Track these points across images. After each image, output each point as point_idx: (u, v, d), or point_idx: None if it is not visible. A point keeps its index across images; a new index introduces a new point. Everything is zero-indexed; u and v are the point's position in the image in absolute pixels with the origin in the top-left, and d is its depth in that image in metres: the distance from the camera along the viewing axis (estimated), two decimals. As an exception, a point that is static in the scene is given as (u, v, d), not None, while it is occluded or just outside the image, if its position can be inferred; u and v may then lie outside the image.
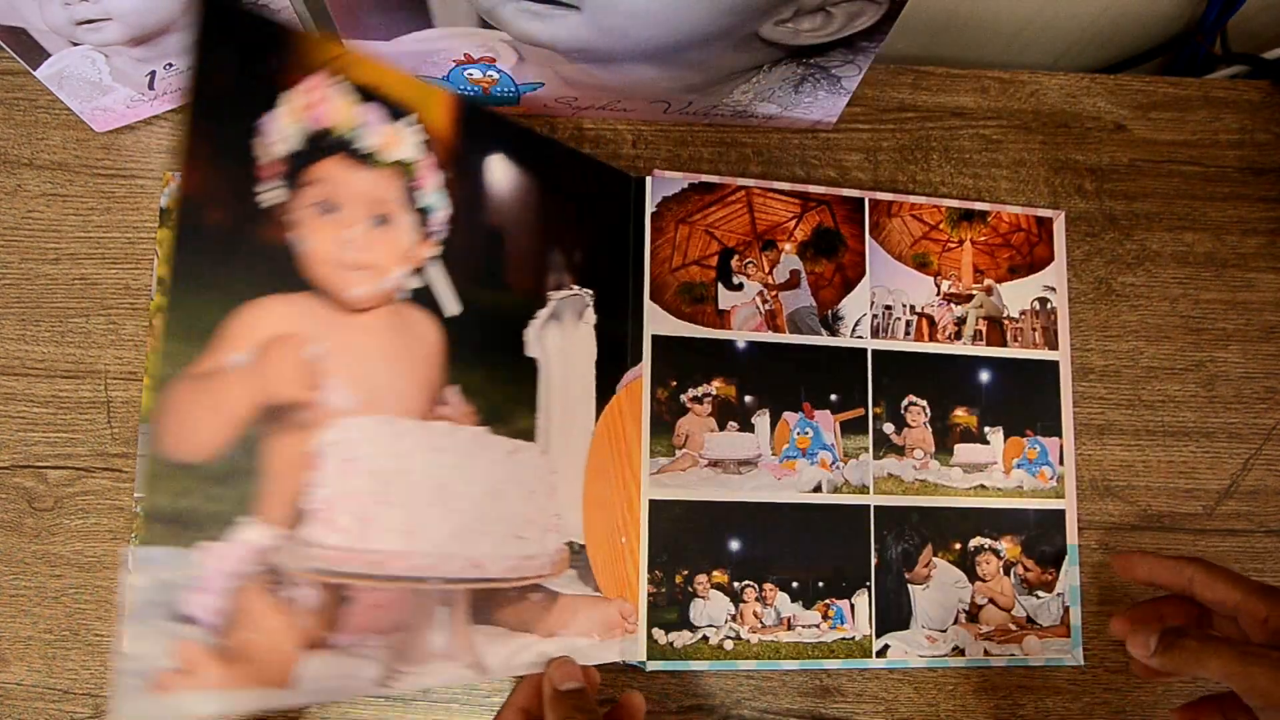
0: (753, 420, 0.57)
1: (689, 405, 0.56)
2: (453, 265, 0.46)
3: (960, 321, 0.60)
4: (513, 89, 0.57)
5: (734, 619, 0.55)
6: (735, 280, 0.59)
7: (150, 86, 0.57)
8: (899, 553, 0.57)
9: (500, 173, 0.49)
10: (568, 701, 0.45)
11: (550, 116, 0.61)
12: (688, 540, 0.55)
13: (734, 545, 0.55)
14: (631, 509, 0.54)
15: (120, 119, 0.59)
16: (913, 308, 0.60)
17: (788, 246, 0.60)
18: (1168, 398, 0.61)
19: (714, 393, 0.57)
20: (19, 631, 0.54)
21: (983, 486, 0.59)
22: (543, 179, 0.52)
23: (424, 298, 0.45)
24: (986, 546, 0.58)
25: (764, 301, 0.59)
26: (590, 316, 0.53)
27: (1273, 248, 0.63)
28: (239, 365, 0.39)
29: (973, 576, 0.58)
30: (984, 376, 0.60)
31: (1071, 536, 0.59)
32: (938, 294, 0.60)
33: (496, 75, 0.56)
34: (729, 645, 0.54)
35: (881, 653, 0.56)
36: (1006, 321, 0.61)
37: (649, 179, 0.58)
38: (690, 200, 0.59)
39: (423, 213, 0.45)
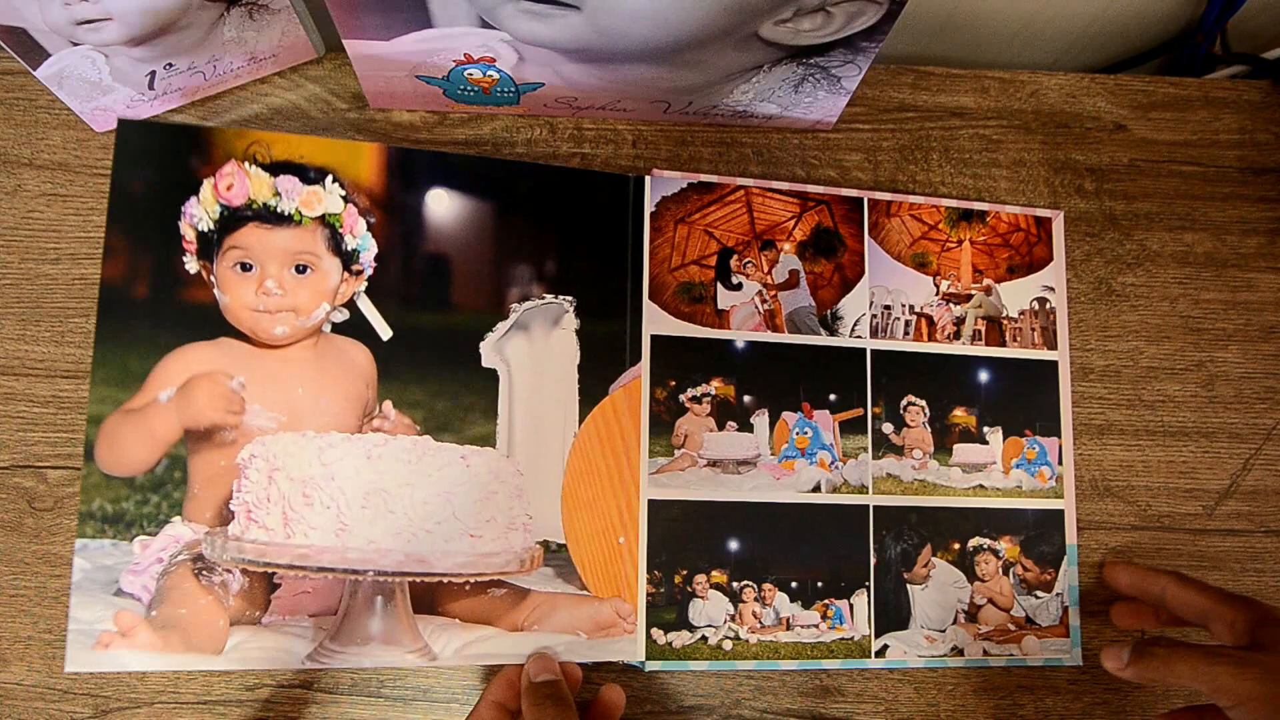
0: (751, 420, 0.57)
1: (688, 405, 0.56)
2: (385, 296, 0.53)
3: (959, 321, 0.60)
4: (513, 89, 0.57)
5: (733, 619, 0.55)
6: (734, 280, 0.59)
7: (150, 86, 0.57)
8: (898, 553, 0.57)
9: (442, 206, 0.55)
10: (541, 690, 0.47)
11: (550, 116, 0.61)
12: (686, 540, 0.55)
13: (733, 545, 0.55)
14: (630, 509, 0.54)
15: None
16: (912, 307, 0.60)
17: (786, 246, 0.60)
18: (1168, 398, 0.61)
19: (713, 392, 0.57)
20: (19, 631, 0.54)
21: (981, 486, 0.59)
22: (499, 202, 0.56)
23: (355, 327, 0.53)
24: (985, 546, 0.58)
25: (763, 301, 0.59)
26: (570, 322, 0.55)
27: (1273, 248, 0.63)
28: (166, 400, 0.50)
29: (972, 576, 0.58)
30: (983, 376, 0.60)
31: (1071, 536, 0.59)
32: (937, 294, 0.60)
33: (496, 75, 0.56)
34: (728, 645, 0.54)
35: (880, 653, 0.56)
36: (1005, 321, 0.61)
37: (648, 179, 0.58)
38: (689, 200, 0.59)
39: (351, 254, 0.53)
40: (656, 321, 0.57)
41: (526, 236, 0.56)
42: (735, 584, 0.55)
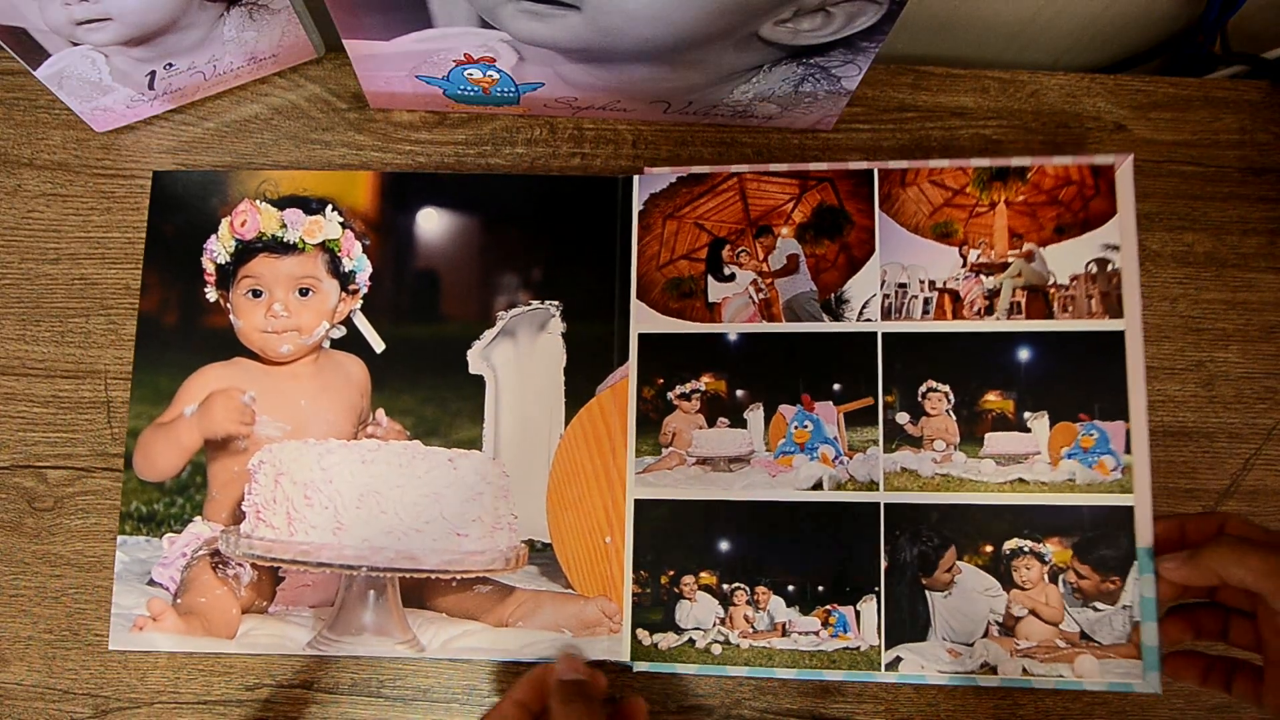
0: (745, 415, 0.55)
1: (676, 402, 0.55)
2: (378, 312, 0.58)
3: (992, 295, 0.54)
4: (513, 89, 0.57)
5: (723, 622, 0.53)
6: (726, 271, 0.57)
7: (150, 86, 0.57)
8: (914, 555, 0.52)
9: (431, 224, 0.58)
10: (570, 687, 0.47)
11: (550, 116, 0.61)
12: (674, 540, 0.54)
13: (723, 546, 0.53)
14: (617, 509, 0.55)
15: (120, 119, 0.59)
16: (932, 283, 0.54)
17: (784, 230, 0.56)
18: (1168, 398, 0.61)
19: (703, 388, 0.55)
20: (19, 631, 0.54)
21: (1021, 481, 0.52)
22: (486, 215, 0.58)
23: (352, 342, 0.57)
24: (1027, 549, 0.52)
25: (758, 290, 0.56)
26: (556, 326, 0.57)
27: (1273, 248, 0.63)
28: (190, 414, 0.55)
29: (1008, 584, 0.52)
30: (1023, 355, 0.53)
31: (1144, 539, 0.50)
32: (964, 266, 0.54)
33: (496, 75, 0.56)
34: (717, 649, 0.53)
35: (893, 665, 0.52)
36: (1053, 290, 0.53)
37: (636, 178, 0.58)
38: (679, 194, 0.57)
39: (348, 275, 0.57)
40: (644, 320, 0.56)
41: (514, 246, 0.58)
42: (725, 586, 0.53)
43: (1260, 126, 0.65)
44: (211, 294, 0.57)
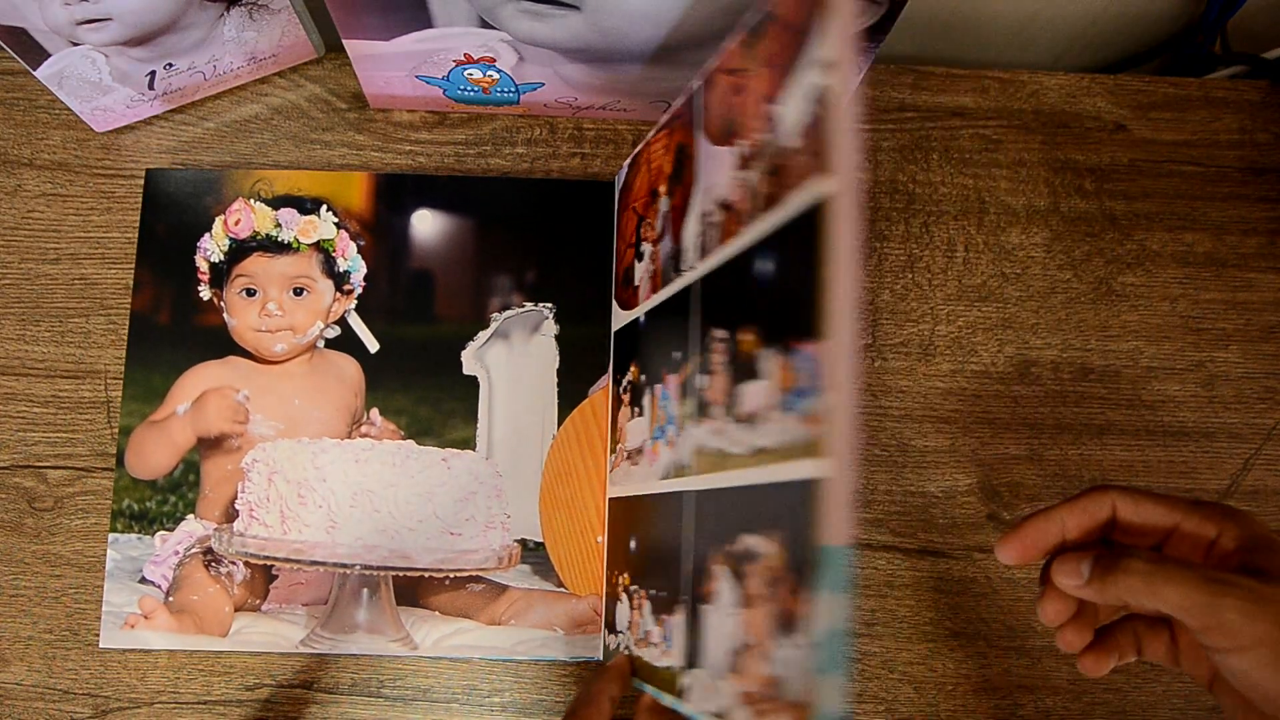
0: (643, 402, 0.50)
1: (622, 398, 0.54)
2: (373, 312, 0.58)
3: (751, 194, 0.38)
4: (513, 89, 0.58)
5: (629, 627, 0.49)
6: (641, 250, 0.52)
7: (150, 86, 0.57)
8: (699, 557, 0.41)
9: (426, 225, 0.59)
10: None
11: (550, 116, 0.61)
12: (615, 540, 0.54)
13: (632, 545, 0.50)
14: (603, 508, 0.55)
15: (120, 119, 0.59)
16: (722, 202, 0.41)
17: (662, 189, 0.48)
18: (1168, 398, 0.61)
19: (631, 379, 0.53)
20: (19, 631, 0.54)
21: (762, 450, 0.35)
22: (480, 217, 0.59)
23: (346, 342, 0.58)
24: (755, 550, 0.35)
25: (652, 263, 0.50)
26: (550, 328, 0.58)
27: (1273, 248, 0.63)
28: (183, 412, 0.56)
29: (742, 597, 0.36)
30: (766, 267, 0.36)
31: (835, 531, 0.28)
32: (737, 167, 0.40)
33: (496, 75, 0.56)
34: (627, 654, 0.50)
35: (685, 693, 0.40)
36: (790, 161, 0.34)
37: (617, 178, 0.58)
38: (629, 183, 0.57)
39: (343, 275, 0.58)
40: (617, 318, 0.56)
41: (507, 248, 0.59)
42: (632, 588, 0.50)
43: (1260, 126, 0.65)
44: (205, 292, 0.57)
